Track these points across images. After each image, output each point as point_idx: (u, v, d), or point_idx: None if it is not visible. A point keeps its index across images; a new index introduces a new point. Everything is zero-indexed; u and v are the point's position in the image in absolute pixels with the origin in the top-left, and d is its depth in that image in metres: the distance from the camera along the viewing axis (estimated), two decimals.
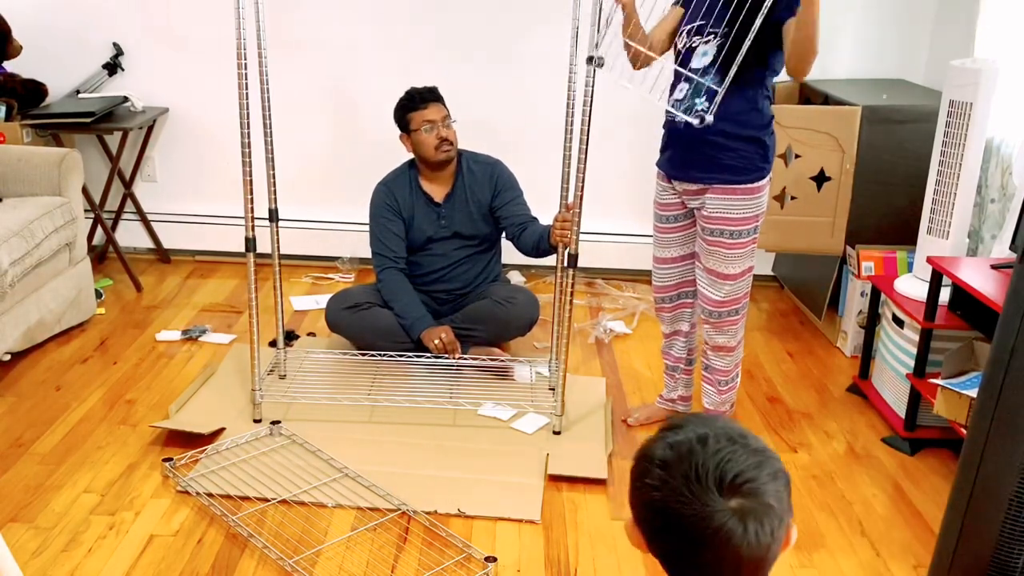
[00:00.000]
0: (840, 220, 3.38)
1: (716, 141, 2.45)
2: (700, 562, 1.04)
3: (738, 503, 1.01)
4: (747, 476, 1.02)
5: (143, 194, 4.23)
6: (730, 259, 2.58)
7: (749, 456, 1.03)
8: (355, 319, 3.19)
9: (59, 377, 3.12)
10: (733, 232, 2.55)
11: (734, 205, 2.52)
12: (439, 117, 3.13)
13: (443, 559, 2.25)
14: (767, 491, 1.03)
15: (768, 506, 1.02)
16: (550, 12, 3.72)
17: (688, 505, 1.01)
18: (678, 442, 1.05)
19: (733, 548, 1.01)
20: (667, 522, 1.04)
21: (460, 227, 3.25)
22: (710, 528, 1.00)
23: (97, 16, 4.00)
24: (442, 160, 3.17)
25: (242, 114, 2.55)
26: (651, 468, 1.06)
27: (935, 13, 3.85)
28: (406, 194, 3.24)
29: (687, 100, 2.47)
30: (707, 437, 1.04)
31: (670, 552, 1.07)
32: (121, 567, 2.20)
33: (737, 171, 2.49)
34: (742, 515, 1.01)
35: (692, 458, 1.03)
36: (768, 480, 1.03)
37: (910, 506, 2.55)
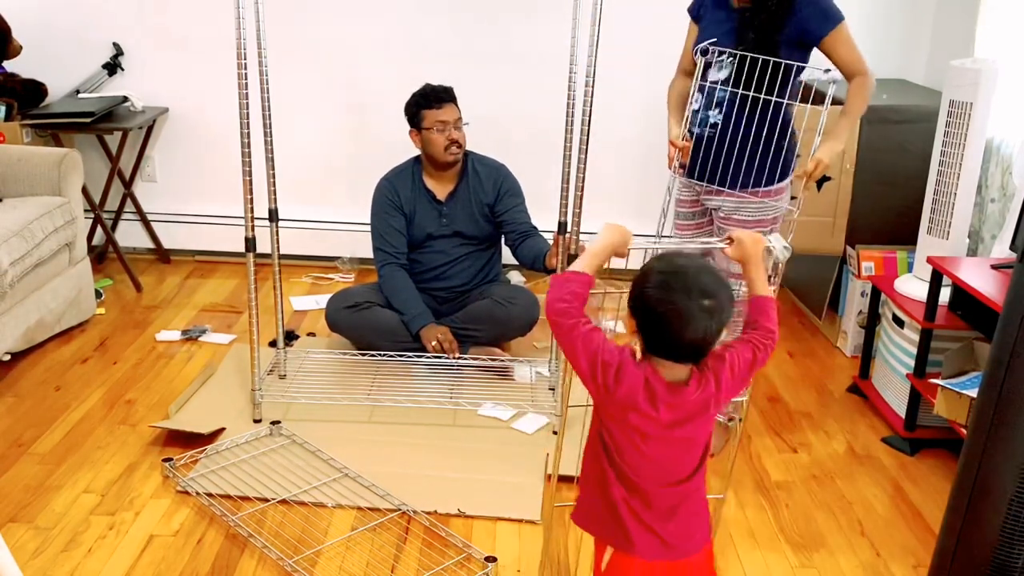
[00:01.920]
0: (840, 220, 3.38)
1: (735, 149, 2.45)
2: (677, 337, 1.52)
3: (709, 303, 1.51)
4: (714, 290, 1.52)
5: (143, 194, 4.23)
6: None
7: (716, 280, 1.54)
8: (355, 318, 3.19)
9: (59, 377, 3.12)
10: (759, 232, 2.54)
11: (751, 207, 2.54)
12: (452, 119, 3.14)
13: (443, 559, 2.25)
14: (724, 299, 1.54)
15: (725, 306, 1.53)
16: (551, 12, 3.72)
17: (679, 301, 1.50)
18: (670, 269, 1.55)
19: (702, 331, 1.51)
20: (658, 311, 1.51)
21: (461, 226, 3.26)
22: (691, 317, 1.50)
23: (97, 16, 3.99)
24: (449, 161, 3.17)
25: (242, 114, 2.55)
26: (651, 278, 1.54)
27: (935, 13, 3.85)
28: (408, 190, 3.25)
29: (701, 111, 2.50)
30: (687, 266, 1.55)
31: (656, 333, 1.54)
32: (121, 567, 2.20)
33: (756, 177, 2.51)
34: (711, 311, 1.51)
35: (685, 277, 1.52)
36: (724, 293, 1.54)
37: (910, 506, 2.55)
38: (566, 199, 2.84)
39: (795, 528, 2.44)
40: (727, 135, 2.47)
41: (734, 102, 2.41)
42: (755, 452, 2.80)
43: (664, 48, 3.17)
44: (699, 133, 2.52)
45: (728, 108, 2.45)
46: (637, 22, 3.82)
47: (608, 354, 1.60)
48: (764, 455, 2.79)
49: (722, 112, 2.46)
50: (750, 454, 2.79)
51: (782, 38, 2.39)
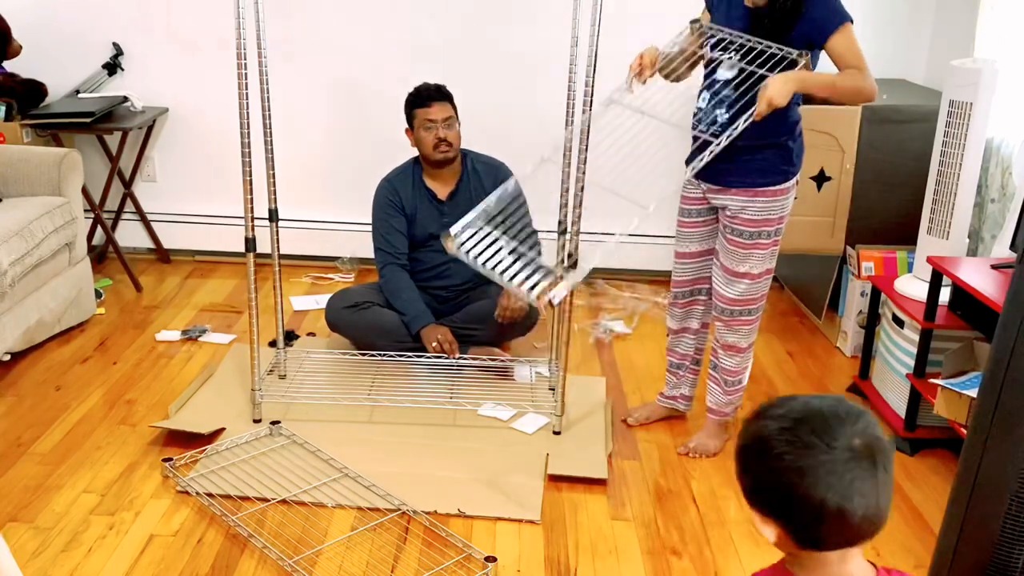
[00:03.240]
0: (840, 220, 3.38)
1: (740, 147, 2.44)
2: (837, 509, 1.09)
3: (862, 440, 1.09)
4: (862, 417, 1.12)
5: (143, 194, 4.23)
6: (746, 259, 2.58)
7: (849, 407, 1.13)
8: (355, 318, 3.19)
9: (59, 377, 3.12)
10: (752, 233, 2.55)
11: (755, 206, 2.53)
12: (440, 117, 3.14)
13: (443, 559, 2.25)
14: (880, 433, 1.12)
15: (886, 444, 1.12)
16: (551, 12, 3.72)
17: (820, 451, 1.09)
18: (785, 412, 1.14)
19: (869, 484, 1.09)
20: (801, 479, 1.09)
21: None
22: (844, 469, 1.08)
23: (97, 16, 4.00)
24: (439, 160, 3.18)
25: (242, 114, 2.55)
26: (772, 440, 1.12)
27: (935, 13, 3.85)
28: (409, 190, 3.25)
29: (708, 111, 2.50)
30: (809, 402, 1.14)
31: (803, 510, 1.11)
32: (121, 567, 2.20)
33: (760, 175, 2.51)
34: (871, 452, 1.09)
35: (811, 416, 1.12)
36: (875, 425, 1.13)
37: (910, 506, 2.55)
38: (566, 199, 2.85)
39: None
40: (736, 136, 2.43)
41: (741, 102, 2.40)
42: None
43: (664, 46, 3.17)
44: (702, 130, 2.49)
45: (733, 108, 2.43)
46: (637, 22, 3.82)
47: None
48: None
49: (729, 113, 2.44)
50: None
51: (792, 36, 2.38)
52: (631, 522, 2.44)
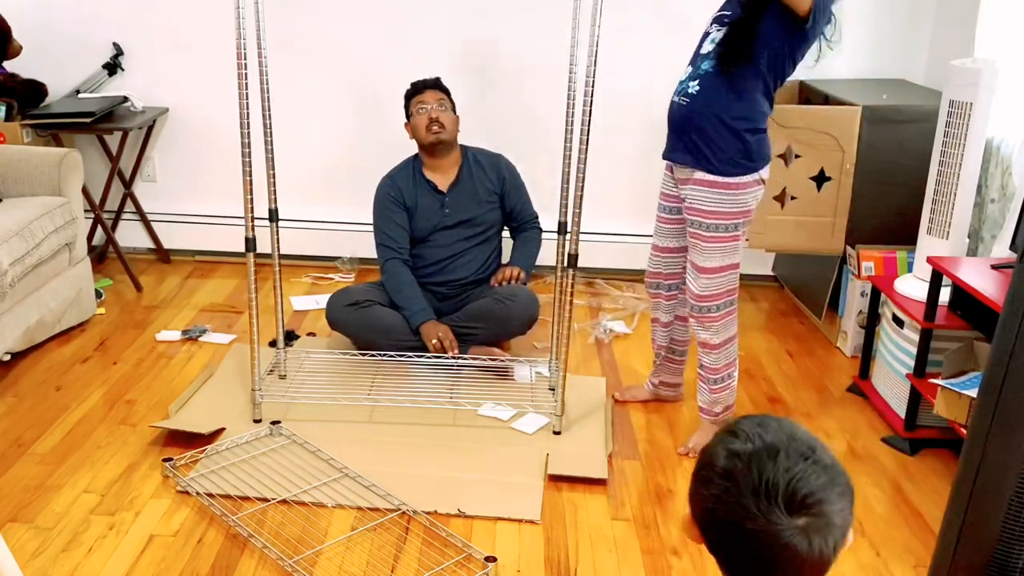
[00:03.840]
0: (840, 220, 3.38)
1: (701, 126, 2.50)
2: (761, 570, 1.04)
3: (805, 521, 1.00)
4: (817, 496, 1.01)
5: (143, 194, 4.23)
6: (705, 252, 2.60)
7: (820, 474, 1.02)
8: (356, 317, 3.19)
9: (59, 377, 3.12)
10: (708, 225, 2.57)
11: (710, 198, 2.55)
12: (434, 100, 3.22)
13: (443, 559, 2.25)
14: (834, 510, 1.02)
15: (833, 524, 1.02)
16: (551, 12, 3.73)
17: (753, 520, 1.01)
18: (744, 452, 1.04)
19: (797, 562, 1.01)
20: (728, 531, 1.04)
21: (465, 214, 3.27)
22: (776, 544, 1.00)
23: (97, 16, 4.00)
24: (432, 141, 3.21)
25: (242, 114, 2.55)
26: (712, 477, 1.05)
27: (935, 13, 3.85)
28: (409, 184, 3.28)
29: (685, 81, 2.56)
30: (778, 451, 1.03)
31: (729, 557, 1.08)
32: (121, 567, 2.20)
33: (711, 160, 2.52)
34: (807, 532, 1.00)
35: (762, 473, 1.01)
36: (836, 499, 1.03)
37: (910, 506, 2.56)
38: (566, 199, 2.85)
39: None
40: (696, 108, 2.50)
41: (711, 77, 2.47)
42: None
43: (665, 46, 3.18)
44: (674, 101, 2.57)
45: (704, 82, 2.49)
46: (638, 21, 3.82)
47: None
48: None
49: (700, 85, 2.50)
50: None
51: (769, 10, 2.40)
52: (631, 522, 2.44)
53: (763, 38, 2.42)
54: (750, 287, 4.16)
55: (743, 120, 2.49)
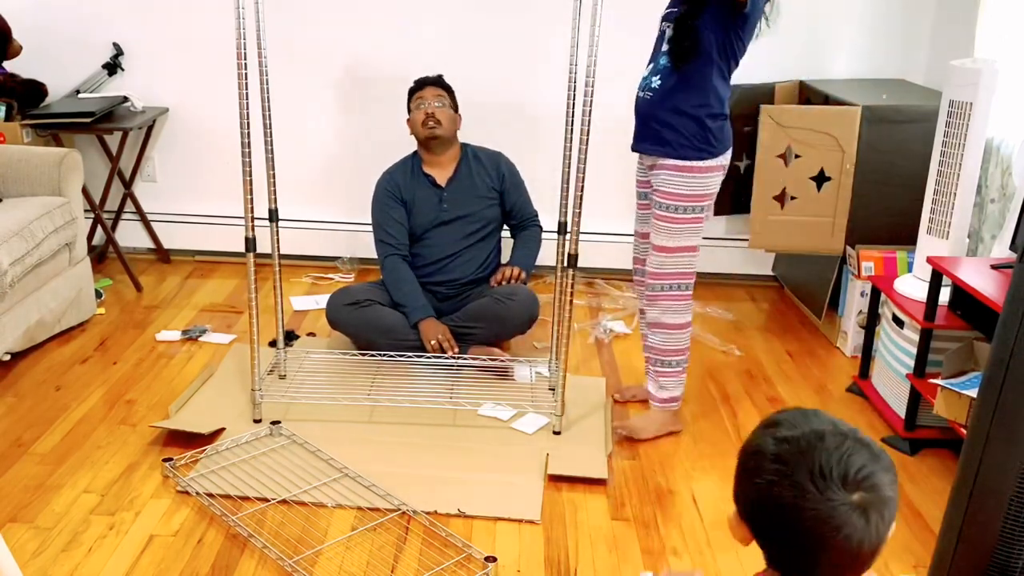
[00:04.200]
0: (840, 220, 3.38)
1: (660, 116, 2.63)
2: (818, 555, 1.06)
3: (860, 497, 1.04)
4: (868, 470, 1.05)
5: (143, 194, 4.23)
6: (662, 231, 2.69)
7: (865, 452, 1.06)
8: (356, 316, 3.19)
9: (59, 377, 3.12)
10: (667, 206, 2.66)
11: (675, 181, 2.64)
12: (431, 95, 3.25)
13: (443, 559, 2.25)
14: (884, 483, 1.06)
15: (887, 498, 1.06)
16: (551, 12, 3.73)
17: (810, 500, 1.03)
18: (792, 436, 1.07)
19: (855, 541, 1.04)
20: (784, 516, 1.06)
21: (463, 209, 3.28)
22: (833, 523, 1.03)
23: (97, 16, 4.00)
24: (427, 136, 3.24)
25: (242, 114, 2.55)
26: (764, 463, 1.08)
27: (935, 13, 3.85)
28: (407, 178, 3.31)
29: (647, 78, 2.67)
30: (824, 433, 1.07)
31: (783, 546, 1.10)
32: (121, 567, 2.20)
33: (675, 146, 2.62)
34: (865, 509, 1.03)
35: (813, 454, 1.05)
36: (884, 473, 1.07)
37: (910, 506, 2.55)
38: (566, 199, 2.85)
39: None
40: (658, 101, 2.62)
41: (668, 71, 2.60)
42: None
43: None
44: (639, 95, 2.69)
45: (663, 76, 2.61)
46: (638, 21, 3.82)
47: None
48: None
49: (660, 80, 2.62)
50: None
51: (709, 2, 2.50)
52: (631, 522, 2.44)
53: (708, 29, 2.52)
54: (750, 287, 4.17)
55: (703, 107, 2.59)
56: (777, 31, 2.68)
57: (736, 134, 3.71)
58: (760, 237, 3.50)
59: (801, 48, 3.93)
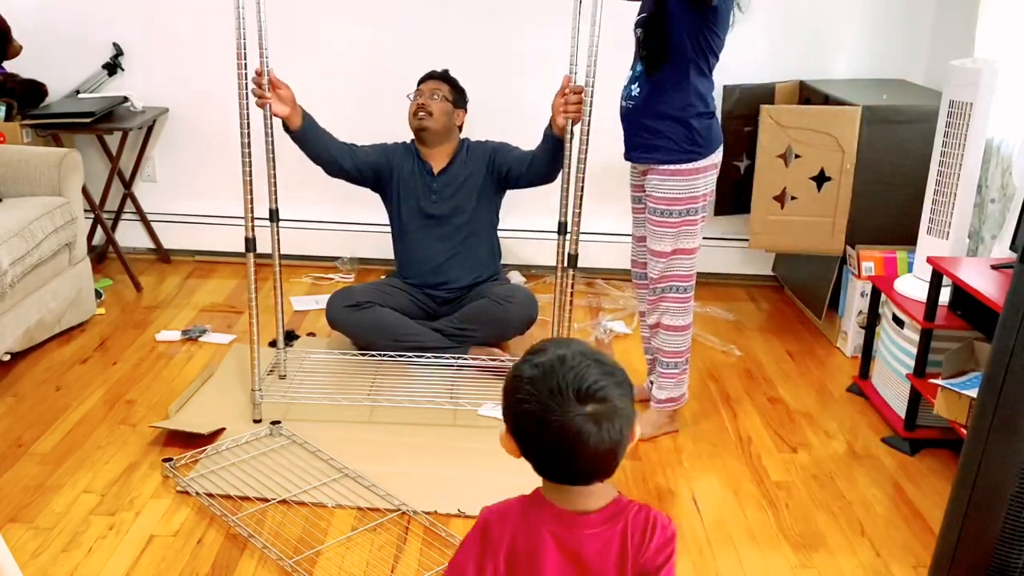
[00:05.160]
0: (840, 220, 3.38)
1: (646, 123, 2.64)
2: (564, 458, 1.26)
3: (593, 408, 1.23)
4: (599, 385, 1.23)
5: (143, 194, 4.23)
6: (657, 236, 2.70)
7: (598, 368, 1.25)
8: (356, 317, 3.19)
9: (59, 377, 3.12)
10: (660, 210, 2.67)
11: (664, 185, 2.65)
12: (427, 89, 3.26)
13: (443, 559, 2.24)
14: (615, 396, 1.24)
15: (616, 408, 1.24)
16: (552, 12, 3.72)
17: (553, 413, 1.23)
18: (541, 362, 1.26)
19: (591, 445, 1.23)
20: (536, 428, 1.25)
21: (453, 202, 3.27)
22: (571, 430, 1.22)
23: (97, 16, 4.00)
24: (416, 127, 3.26)
25: (242, 114, 2.55)
26: (521, 384, 1.27)
27: (935, 13, 3.85)
28: (404, 156, 3.32)
29: (628, 86, 2.69)
30: (565, 356, 1.26)
31: (539, 452, 1.29)
32: (121, 567, 2.20)
33: (664, 151, 2.62)
34: (597, 418, 1.22)
35: (554, 374, 1.24)
36: (615, 387, 1.25)
37: (910, 506, 2.55)
38: (566, 199, 2.85)
39: (795, 528, 2.44)
40: (641, 108, 2.63)
41: (646, 77, 2.60)
42: (755, 452, 2.80)
43: None
44: (622, 105, 2.70)
45: (642, 82, 2.62)
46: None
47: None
48: (764, 455, 2.79)
49: (639, 87, 2.63)
50: (750, 454, 2.79)
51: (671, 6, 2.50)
52: None
53: (677, 28, 2.51)
54: (750, 287, 4.17)
55: (686, 108, 2.59)
56: (777, 31, 2.68)
57: (736, 134, 3.72)
58: (760, 237, 3.50)
59: (801, 48, 3.93)
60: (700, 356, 3.40)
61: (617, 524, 1.32)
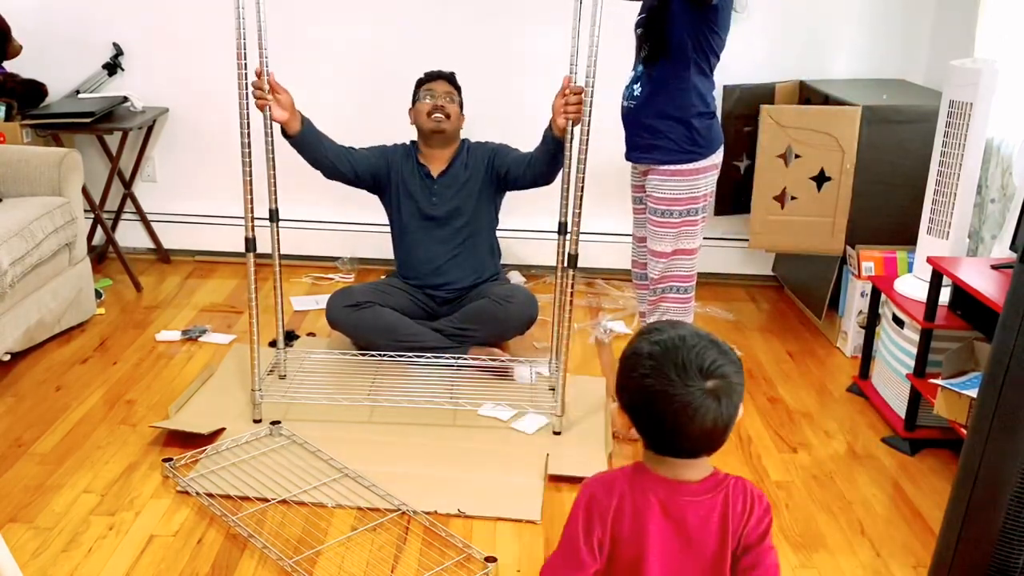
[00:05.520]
0: (840, 220, 3.38)
1: (646, 123, 2.64)
2: (681, 431, 1.33)
3: (714, 384, 1.32)
4: (719, 363, 1.33)
5: (143, 194, 4.23)
6: (658, 236, 2.71)
7: (716, 348, 1.35)
8: (355, 317, 3.19)
9: (59, 377, 3.12)
10: (661, 211, 2.68)
11: (664, 185, 2.66)
12: (442, 90, 3.25)
13: (443, 559, 2.25)
14: (731, 373, 1.34)
15: (733, 385, 1.34)
16: (551, 12, 3.73)
17: (676, 387, 1.31)
18: (662, 339, 1.35)
19: (709, 420, 1.32)
20: (657, 402, 1.32)
21: (452, 203, 3.26)
22: (694, 404, 1.31)
23: (97, 16, 4.00)
24: (432, 128, 3.23)
25: (242, 114, 2.55)
26: (641, 360, 1.35)
27: (935, 13, 3.85)
28: (402, 161, 3.31)
29: (630, 86, 2.70)
30: (684, 336, 1.35)
31: (655, 426, 1.36)
32: (121, 567, 2.20)
33: (664, 151, 2.63)
34: (717, 393, 1.32)
35: (677, 351, 1.33)
36: (731, 365, 1.35)
37: (910, 506, 2.56)
38: (566, 199, 2.85)
39: (795, 528, 2.44)
40: (642, 108, 2.64)
41: (648, 77, 2.62)
42: (755, 452, 2.80)
43: None
44: (623, 105, 2.72)
45: (644, 82, 2.63)
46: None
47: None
48: (764, 455, 2.79)
49: (641, 87, 2.64)
50: (750, 454, 2.79)
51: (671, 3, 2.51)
52: None
53: (678, 27, 2.51)
54: (750, 287, 4.17)
55: (687, 108, 2.60)
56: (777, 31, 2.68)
57: (736, 134, 3.72)
58: (760, 237, 3.50)
59: (801, 48, 3.93)
60: None
61: (719, 494, 1.40)
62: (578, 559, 1.41)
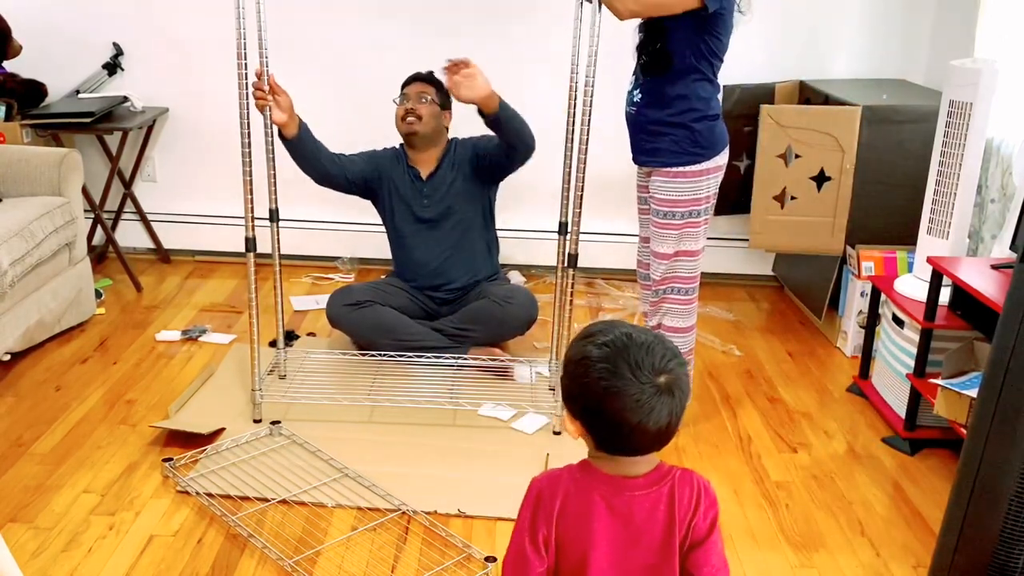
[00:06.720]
0: (840, 220, 3.38)
1: (648, 128, 2.66)
2: (635, 430, 1.31)
3: (666, 379, 1.32)
4: (667, 358, 1.33)
5: (143, 194, 4.23)
6: (661, 237, 2.72)
7: (662, 344, 1.36)
8: (356, 316, 3.19)
9: (59, 377, 3.12)
10: (664, 212, 2.69)
11: (666, 186, 2.67)
12: (414, 92, 3.24)
13: (443, 559, 2.25)
14: (679, 367, 1.35)
15: (683, 379, 1.35)
16: (551, 13, 3.73)
17: (632, 386, 1.30)
18: (608, 341, 1.34)
19: (664, 415, 1.31)
20: (613, 403, 1.31)
21: (444, 203, 3.26)
22: (651, 401, 1.30)
23: (97, 16, 4.00)
24: (405, 132, 3.25)
25: (242, 114, 2.55)
26: (593, 363, 1.33)
27: (935, 13, 3.85)
28: (393, 164, 3.31)
29: (631, 92, 2.71)
30: (631, 334, 1.35)
31: (609, 427, 1.34)
32: (121, 567, 2.20)
33: (667, 154, 2.65)
34: (671, 388, 1.32)
35: (628, 351, 1.32)
36: (676, 359, 1.35)
37: (910, 506, 2.56)
38: (566, 199, 2.85)
39: (795, 528, 2.44)
40: (644, 113, 2.66)
41: (649, 83, 2.63)
42: (755, 452, 2.80)
43: None
44: (626, 110, 2.73)
45: (644, 88, 2.65)
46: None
47: None
48: (764, 455, 2.79)
49: (642, 92, 2.65)
50: (750, 454, 2.79)
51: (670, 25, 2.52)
52: None
53: (677, 35, 2.52)
54: (750, 287, 4.17)
55: (687, 113, 2.60)
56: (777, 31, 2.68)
57: (736, 134, 3.71)
58: (760, 237, 3.50)
59: (801, 48, 3.93)
60: (700, 356, 3.40)
61: (664, 486, 1.40)
62: (525, 558, 1.45)
